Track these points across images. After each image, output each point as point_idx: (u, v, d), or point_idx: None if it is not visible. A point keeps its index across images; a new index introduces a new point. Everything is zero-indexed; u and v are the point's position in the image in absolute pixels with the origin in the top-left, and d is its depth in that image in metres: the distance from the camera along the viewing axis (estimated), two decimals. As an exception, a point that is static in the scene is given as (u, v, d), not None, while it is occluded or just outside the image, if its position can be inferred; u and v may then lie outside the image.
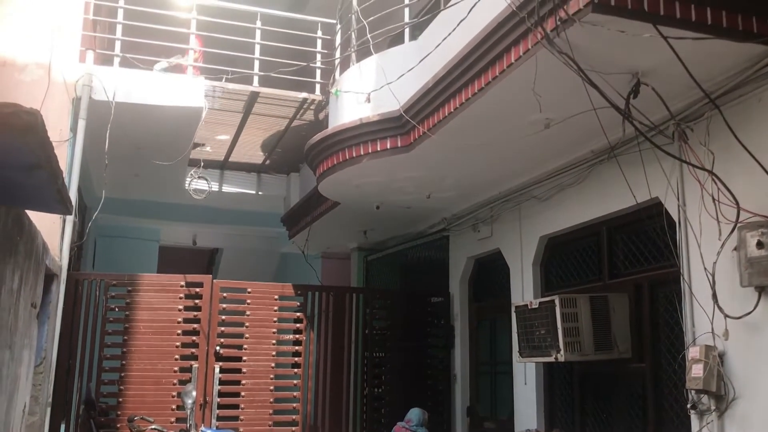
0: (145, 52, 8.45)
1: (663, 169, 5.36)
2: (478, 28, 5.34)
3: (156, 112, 8.04)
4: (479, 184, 8.00)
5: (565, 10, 4.37)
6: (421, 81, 6.42)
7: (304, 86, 9.26)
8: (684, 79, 4.70)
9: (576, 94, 4.95)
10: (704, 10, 4.36)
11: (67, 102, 7.39)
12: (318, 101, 9.21)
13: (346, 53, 8.08)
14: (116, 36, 8.20)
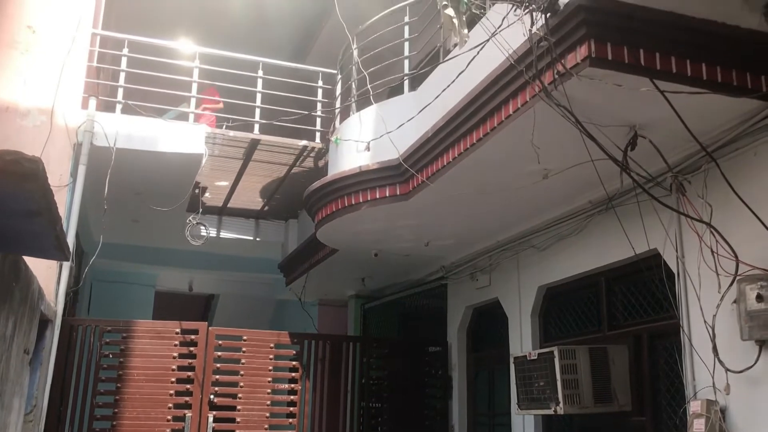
0: (148, 99, 8.54)
1: (661, 221, 5.38)
2: (476, 80, 5.41)
3: (156, 158, 8.09)
4: (478, 232, 8.01)
5: (562, 63, 4.44)
6: (420, 131, 6.49)
7: (305, 134, 9.34)
8: (681, 131, 4.75)
9: (574, 145, 5.00)
10: (699, 66, 4.43)
11: (68, 147, 7.43)
12: (318, 149, 9.28)
13: (347, 103, 8.17)
14: (119, 83, 8.30)
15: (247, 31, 11.84)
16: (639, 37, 4.36)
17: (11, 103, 7.20)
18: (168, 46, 9.06)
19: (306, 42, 12.44)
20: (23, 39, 7.30)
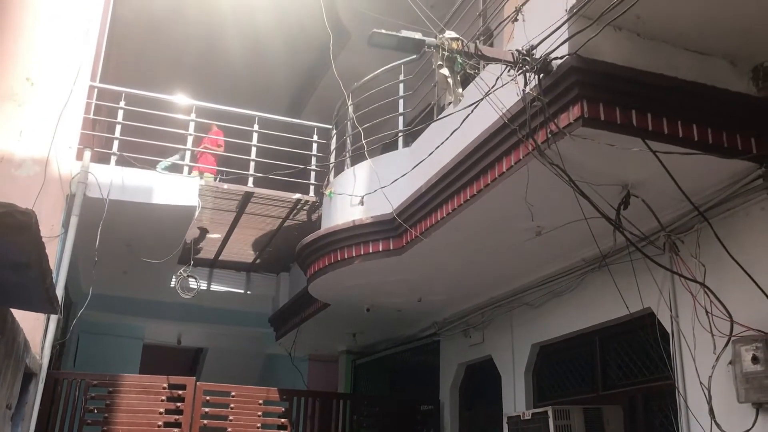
0: (143, 151, 8.57)
1: (655, 280, 5.36)
2: (470, 137, 5.47)
3: (149, 210, 8.07)
4: (471, 288, 7.97)
5: (555, 123, 4.49)
6: (414, 186, 6.52)
7: (298, 187, 9.37)
8: (673, 191, 4.78)
9: (567, 203, 5.02)
10: (691, 127, 4.50)
11: (61, 198, 7.41)
12: (311, 202, 9.29)
13: (341, 158, 8.22)
14: (115, 135, 8.33)
15: (244, 86, 12.02)
16: (631, 98, 4.43)
17: (6, 153, 7.22)
18: (164, 99, 9.13)
19: (302, 97, 12.62)
20: (21, 91, 7.38)
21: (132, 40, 11.11)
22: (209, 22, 11.03)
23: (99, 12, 8.17)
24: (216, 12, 10.76)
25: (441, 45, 4.48)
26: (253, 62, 11.70)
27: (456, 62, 4.51)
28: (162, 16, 10.91)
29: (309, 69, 11.91)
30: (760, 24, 4.35)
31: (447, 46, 4.49)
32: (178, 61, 11.84)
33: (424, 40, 4.54)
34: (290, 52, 11.56)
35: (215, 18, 10.95)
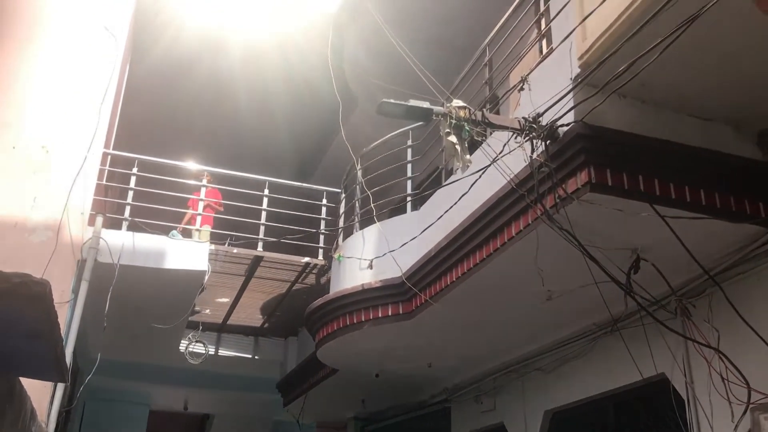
0: (154, 217, 8.65)
1: (668, 345, 5.30)
2: (479, 201, 5.51)
3: (159, 275, 8.10)
4: (482, 353, 7.88)
5: (563, 188, 4.53)
6: (423, 249, 6.53)
7: (307, 251, 9.40)
8: (683, 254, 4.77)
9: (577, 267, 5.00)
10: (698, 192, 4.53)
11: (72, 263, 7.45)
12: (320, 266, 9.30)
13: (350, 222, 8.27)
14: (127, 201, 8.43)
15: (254, 151, 12.21)
16: (637, 163, 4.48)
17: (20, 219, 7.30)
18: (176, 165, 9.27)
19: (311, 161, 12.79)
20: (37, 158, 7.52)
21: (144, 108, 11.35)
22: (219, 88, 11.29)
23: (114, 82, 8.37)
24: (226, 79, 11.03)
25: (448, 113, 4.57)
26: (262, 128, 11.91)
27: (463, 130, 4.58)
28: (173, 84, 11.18)
29: (318, 134, 12.11)
30: (762, 90, 4.42)
31: (454, 114, 4.58)
32: (189, 128, 12.07)
33: (431, 108, 4.63)
34: (299, 118, 11.79)
35: (225, 85, 11.21)
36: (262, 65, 10.71)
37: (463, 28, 8.68)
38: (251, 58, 10.61)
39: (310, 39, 10.17)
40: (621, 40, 3.91)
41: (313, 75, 10.31)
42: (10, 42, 8.25)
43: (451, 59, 8.27)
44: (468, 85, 6.81)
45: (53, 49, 8.37)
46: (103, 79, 8.30)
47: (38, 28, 8.50)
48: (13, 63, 8.13)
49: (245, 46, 10.41)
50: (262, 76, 10.93)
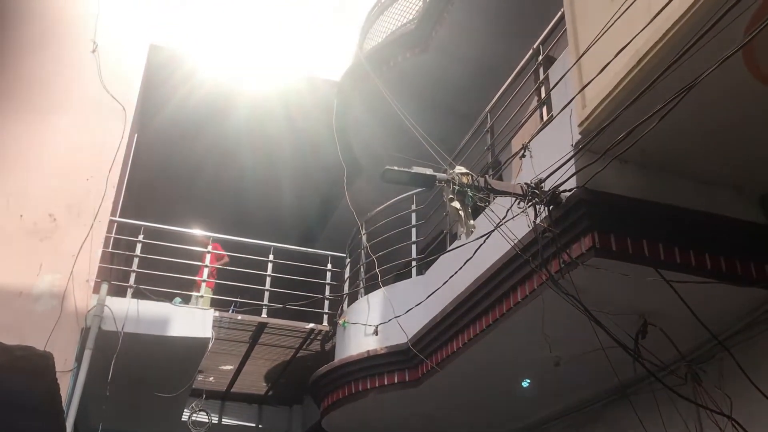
0: (160, 284, 8.64)
1: (679, 412, 5.19)
2: (483, 266, 5.50)
3: (163, 343, 8.02)
4: (490, 421, 7.72)
5: (568, 253, 4.53)
6: (429, 315, 6.49)
7: (312, 317, 9.33)
8: (691, 319, 4.71)
9: (584, 332, 4.94)
10: (703, 256, 4.52)
11: (75, 331, 7.41)
12: (325, 332, 9.22)
13: (354, 288, 8.25)
14: (132, 268, 8.43)
15: (259, 216, 12.27)
16: (641, 228, 4.49)
17: (25, 287, 7.32)
18: (182, 232, 9.31)
19: (316, 226, 12.84)
20: (44, 227, 7.59)
21: (150, 174, 11.49)
22: (224, 154, 11.45)
23: (122, 150, 8.51)
24: (231, 145, 11.20)
25: (451, 180, 4.61)
26: (267, 192, 12.01)
27: (467, 196, 4.62)
28: (178, 150, 11.36)
29: (323, 198, 12.21)
30: (763, 154, 4.47)
31: (457, 180, 4.63)
32: (194, 193, 12.19)
33: (435, 175, 4.68)
34: (304, 182, 11.91)
35: (230, 150, 11.38)
36: (268, 130, 10.89)
37: (465, 94, 8.84)
38: (256, 125, 10.80)
39: (315, 104, 10.39)
40: (620, 108, 3.98)
41: (318, 140, 10.48)
42: (17, 111, 8.44)
43: (454, 125, 8.41)
44: (471, 151, 6.90)
45: (62, 118, 8.55)
46: (111, 147, 8.44)
47: (47, 98, 8.71)
48: (21, 132, 8.30)
49: (250, 113, 10.61)
50: (267, 141, 11.10)
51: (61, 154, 8.33)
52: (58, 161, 8.20)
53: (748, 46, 3.28)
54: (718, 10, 3.21)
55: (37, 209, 7.74)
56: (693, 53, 3.39)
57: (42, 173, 8.05)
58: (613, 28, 3.97)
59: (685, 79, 3.47)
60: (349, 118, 10.15)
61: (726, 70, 3.39)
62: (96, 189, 8.07)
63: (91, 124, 8.69)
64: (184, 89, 10.03)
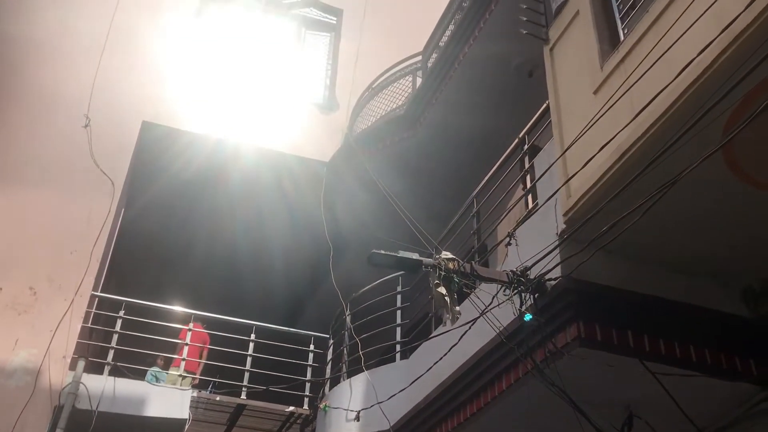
0: (137, 361, 8.46)
1: None
2: (468, 354, 5.44)
3: (138, 423, 7.79)
4: None
5: (553, 342, 4.51)
6: (412, 401, 6.36)
7: (292, 399, 9.10)
8: (678, 411, 4.66)
9: (569, 422, 4.85)
10: (687, 348, 4.51)
11: (48, 410, 7.20)
12: (305, 416, 8.98)
13: (337, 370, 8.11)
14: (111, 344, 8.25)
15: (247, 293, 12.16)
16: (626, 318, 4.50)
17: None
18: (163, 308, 9.17)
19: (300, 305, 12.71)
20: (24, 300, 7.49)
21: (135, 249, 11.43)
22: (213, 231, 11.45)
23: (108, 225, 8.50)
24: (220, 221, 11.22)
25: (438, 265, 4.63)
26: (256, 270, 11.96)
27: (452, 281, 4.63)
28: (166, 225, 11.35)
29: (310, 277, 12.12)
30: (744, 248, 4.53)
31: (443, 266, 4.64)
32: (178, 269, 12.09)
33: (421, 260, 4.69)
34: (293, 260, 11.84)
35: (219, 227, 11.39)
36: (257, 207, 10.94)
37: (455, 172, 8.93)
38: (246, 201, 10.86)
39: (306, 182, 10.46)
40: (604, 200, 4.05)
41: (308, 217, 10.49)
42: (5, 182, 8.46)
43: (442, 204, 8.46)
44: (458, 233, 6.93)
45: (50, 191, 8.58)
46: (97, 221, 8.44)
47: (36, 170, 8.76)
48: (7, 203, 8.29)
49: (240, 189, 10.68)
50: (256, 217, 11.14)
51: (47, 227, 8.31)
52: (42, 234, 8.17)
53: (728, 144, 3.38)
54: (697, 111, 3.33)
55: (17, 282, 7.66)
56: (674, 150, 3.49)
57: (25, 245, 8.00)
58: (597, 122, 4.09)
59: (668, 171, 3.55)
60: (338, 198, 10.22)
61: (707, 165, 3.48)
62: (79, 263, 8.01)
63: (78, 197, 8.71)
64: (175, 165, 10.11)
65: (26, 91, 9.50)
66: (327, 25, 12.35)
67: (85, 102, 9.50)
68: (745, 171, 3.95)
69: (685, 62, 3.42)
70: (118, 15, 10.42)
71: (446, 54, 8.02)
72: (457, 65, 7.94)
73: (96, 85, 9.67)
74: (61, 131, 9.24)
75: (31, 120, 9.28)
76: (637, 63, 3.97)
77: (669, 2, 3.84)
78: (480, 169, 6.98)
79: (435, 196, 9.10)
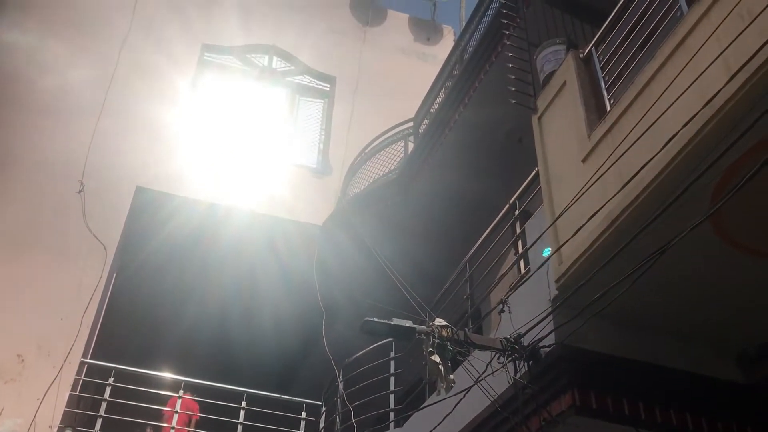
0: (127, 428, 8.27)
1: None
2: (462, 423, 5.35)
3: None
4: None
5: (548, 411, 4.45)
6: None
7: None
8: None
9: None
10: (683, 416, 4.47)
11: (31, 482, 7.00)
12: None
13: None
14: (99, 413, 8.06)
15: (239, 359, 11.99)
16: (621, 386, 4.46)
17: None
18: (154, 375, 9.01)
19: (292, 372, 12.53)
20: (11, 368, 7.37)
21: (128, 315, 11.33)
22: (205, 295, 11.37)
23: (99, 291, 8.44)
24: (208, 288, 11.15)
25: (431, 332, 4.60)
26: (248, 334, 11.81)
27: (446, 349, 4.59)
28: (159, 290, 11.27)
29: (300, 343, 11.99)
30: (737, 313, 4.53)
31: (437, 333, 4.62)
32: (172, 334, 11.93)
33: (414, 327, 4.67)
34: (285, 325, 11.72)
35: (212, 292, 11.32)
36: (250, 271, 10.91)
37: (448, 233, 8.97)
38: (239, 265, 10.84)
39: (300, 246, 10.46)
40: (595, 267, 4.07)
41: (301, 281, 10.44)
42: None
43: (436, 268, 8.46)
44: (452, 296, 6.91)
45: (41, 256, 8.56)
46: (89, 287, 8.39)
47: (28, 235, 8.77)
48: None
49: (233, 253, 10.68)
50: (249, 282, 11.08)
51: (37, 293, 8.25)
52: (33, 300, 8.11)
53: (716, 213, 3.42)
54: (684, 180, 3.40)
55: (5, 349, 7.56)
56: (664, 217, 3.54)
57: (15, 312, 7.93)
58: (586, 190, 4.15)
59: (660, 236, 3.57)
60: (331, 261, 10.21)
61: (697, 232, 3.51)
62: (69, 329, 7.93)
63: (70, 262, 8.68)
64: (167, 228, 10.12)
65: (22, 155, 9.58)
66: (320, 91, 12.59)
67: (80, 167, 9.57)
68: (735, 238, 3.99)
69: (670, 133, 3.49)
70: (115, 81, 10.61)
71: (437, 120, 8.18)
72: (448, 131, 8.09)
73: (91, 149, 9.77)
74: (55, 196, 9.28)
75: (26, 184, 9.33)
76: (624, 132, 4.06)
77: (653, 75, 3.95)
78: (473, 230, 7.02)
79: (428, 258, 9.12)
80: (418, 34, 13.98)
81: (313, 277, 9.99)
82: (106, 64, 10.79)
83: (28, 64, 10.36)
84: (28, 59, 10.40)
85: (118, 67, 10.80)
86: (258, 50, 12.44)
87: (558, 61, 5.37)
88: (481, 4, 7.91)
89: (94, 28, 11.19)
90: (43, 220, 9.02)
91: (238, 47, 12.24)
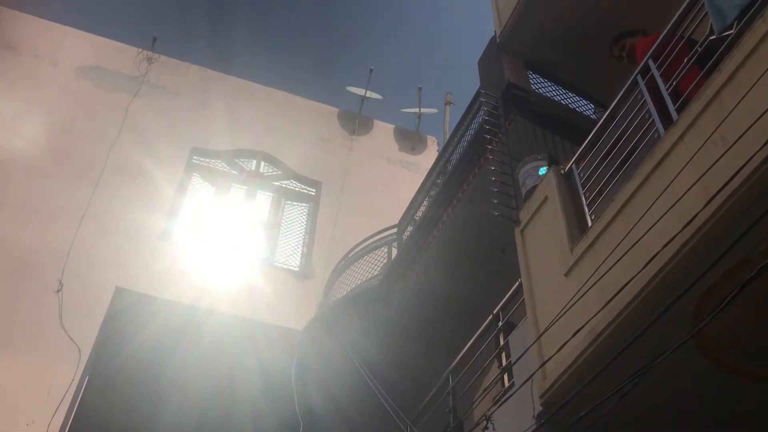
0: None
1: None
2: None
3: None
4: None
5: None
6: None
7: None
8: None
9: None
10: None
11: None
12: None
13: None
14: None
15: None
16: None
17: None
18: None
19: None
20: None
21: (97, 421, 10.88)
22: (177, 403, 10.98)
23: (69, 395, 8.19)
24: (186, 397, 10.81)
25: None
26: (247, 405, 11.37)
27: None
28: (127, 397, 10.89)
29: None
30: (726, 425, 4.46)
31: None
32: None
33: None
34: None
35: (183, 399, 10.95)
36: (225, 378, 10.61)
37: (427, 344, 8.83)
38: (218, 369, 10.55)
39: (280, 351, 10.24)
40: (580, 384, 4.02)
41: (277, 391, 10.17)
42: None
43: (417, 373, 8.27)
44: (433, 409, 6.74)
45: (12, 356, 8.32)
46: (59, 390, 8.15)
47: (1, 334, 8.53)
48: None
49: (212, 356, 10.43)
50: (223, 389, 10.76)
51: (5, 395, 7.97)
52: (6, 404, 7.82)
53: (698, 333, 3.43)
54: (666, 298, 3.43)
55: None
56: (647, 335, 3.53)
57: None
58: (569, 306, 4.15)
59: (645, 351, 3.54)
60: (311, 368, 9.99)
61: (681, 351, 3.50)
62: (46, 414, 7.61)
63: (42, 364, 8.45)
64: (146, 332, 9.92)
65: (1, 252, 9.49)
66: (306, 196, 12.76)
67: (60, 266, 9.48)
68: (719, 357, 3.98)
69: (652, 251, 3.55)
70: (101, 184, 10.69)
71: (421, 228, 8.25)
72: (431, 239, 8.14)
73: (72, 249, 9.71)
74: (32, 294, 9.13)
75: (3, 282, 9.18)
76: (605, 249, 4.11)
77: (633, 193, 4.05)
78: (456, 334, 6.93)
79: (414, 360, 8.94)
80: (403, 143, 14.37)
81: (292, 384, 9.74)
82: (93, 166, 10.90)
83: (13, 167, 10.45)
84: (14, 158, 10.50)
85: (105, 170, 10.90)
86: (246, 155, 12.68)
87: (539, 177, 5.50)
88: (464, 119, 8.16)
89: (84, 131, 11.38)
90: (18, 319, 8.83)
91: (226, 151, 12.47)
